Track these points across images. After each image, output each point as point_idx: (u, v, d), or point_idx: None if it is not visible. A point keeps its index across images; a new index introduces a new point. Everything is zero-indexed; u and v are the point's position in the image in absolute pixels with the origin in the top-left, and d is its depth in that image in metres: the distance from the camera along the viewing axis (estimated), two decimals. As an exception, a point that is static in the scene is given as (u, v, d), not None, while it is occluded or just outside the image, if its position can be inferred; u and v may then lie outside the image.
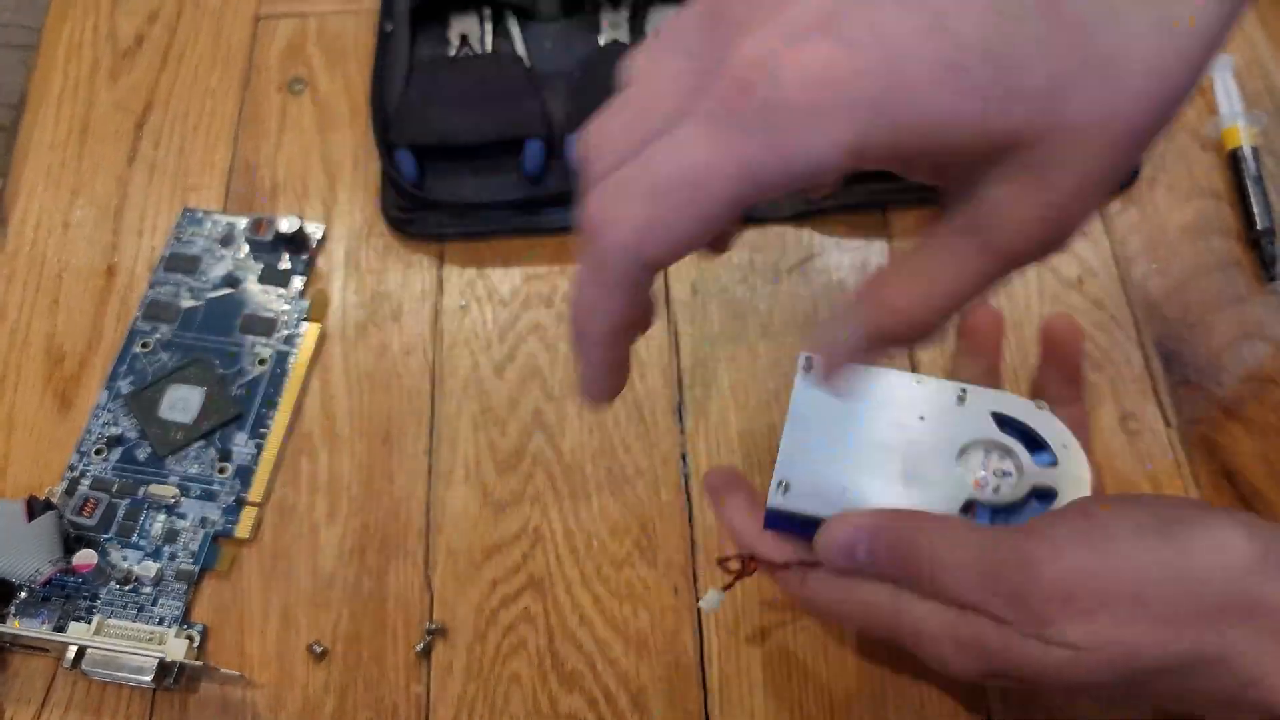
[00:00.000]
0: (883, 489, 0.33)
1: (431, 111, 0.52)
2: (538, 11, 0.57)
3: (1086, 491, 0.34)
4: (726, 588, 0.36)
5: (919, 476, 0.34)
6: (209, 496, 0.44)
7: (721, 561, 0.36)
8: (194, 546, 0.43)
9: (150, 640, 0.41)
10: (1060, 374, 0.38)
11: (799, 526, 0.34)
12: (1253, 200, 0.50)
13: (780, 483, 0.33)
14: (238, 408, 0.46)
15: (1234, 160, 0.52)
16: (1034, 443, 0.35)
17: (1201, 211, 0.51)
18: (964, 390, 0.36)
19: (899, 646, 0.32)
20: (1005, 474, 0.34)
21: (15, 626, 0.41)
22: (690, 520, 0.44)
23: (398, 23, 0.56)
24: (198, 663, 0.40)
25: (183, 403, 0.46)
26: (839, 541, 0.32)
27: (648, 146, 0.23)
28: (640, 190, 0.23)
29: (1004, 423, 0.35)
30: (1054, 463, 0.34)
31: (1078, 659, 0.28)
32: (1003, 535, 0.29)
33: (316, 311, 0.49)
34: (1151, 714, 0.36)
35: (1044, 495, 0.34)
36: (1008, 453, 0.34)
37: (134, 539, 0.44)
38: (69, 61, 0.57)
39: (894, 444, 0.34)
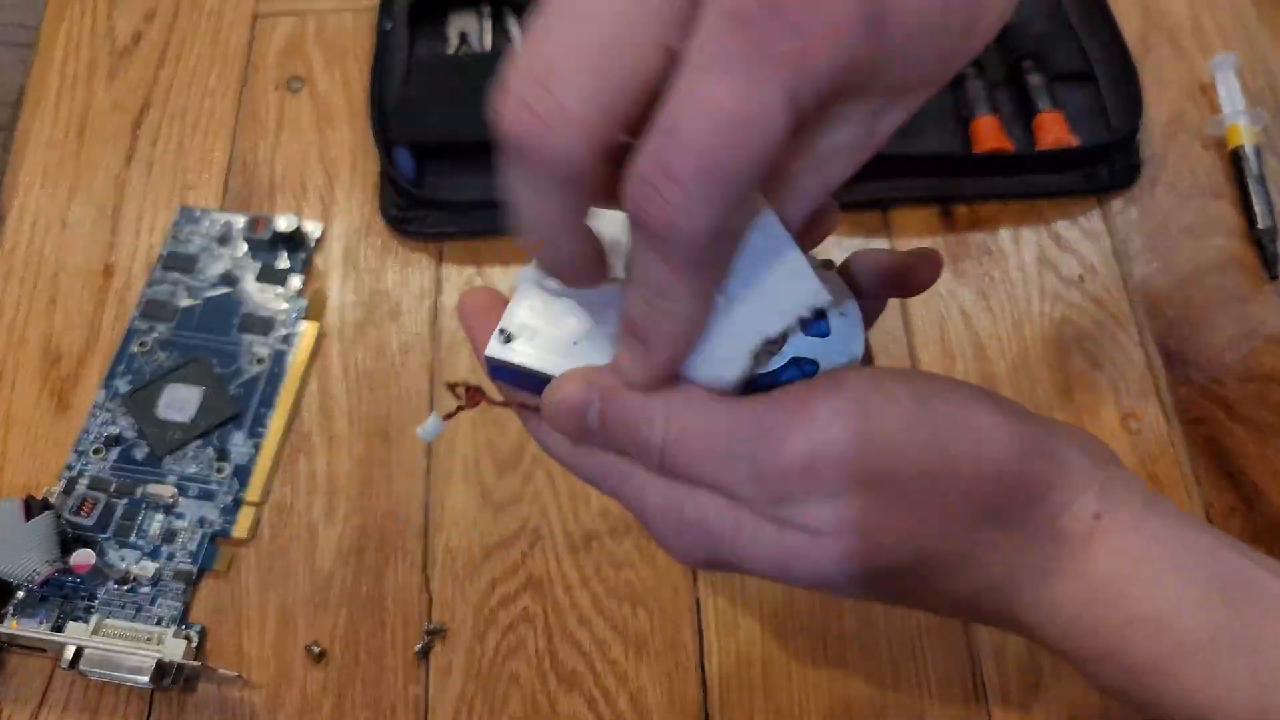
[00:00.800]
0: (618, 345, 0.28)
1: (430, 110, 0.52)
2: (537, 9, 0.56)
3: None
4: (448, 416, 0.32)
5: None
6: (207, 496, 0.44)
7: (451, 386, 0.31)
8: (192, 546, 0.43)
9: (148, 640, 0.41)
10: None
11: (525, 381, 0.29)
12: (1254, 199, 0.50)
13: (502, 330, 0.29)
14: (236, 407, 0.46)
15: (1236, 159, 0.51)
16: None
17: (1203, 210, 0.51)
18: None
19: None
20: (770, 341, 0.29)
21: (13, 626, 0.41)
22: (690, 520, 0.44)
23: (396, 21, 0.56)
24: (196, 663, 0.40)
25: (180, 402, 0.46)
26: (568, 402, 0.27)
27: (663, 109, 0.20)
28: (690, 171, 0.20)
29: None
30: (827, 334, 0.29)
31: (813, 544, 0.25)
32: (746, 404, 0.26)
33: (314, 310, 0.49)
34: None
35: (804, 366, 0.29)
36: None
37: (132, 539, 0.43)
38: (66, 60, 0.57)
39: None
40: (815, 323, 0.29)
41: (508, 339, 0.29)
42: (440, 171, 0.52)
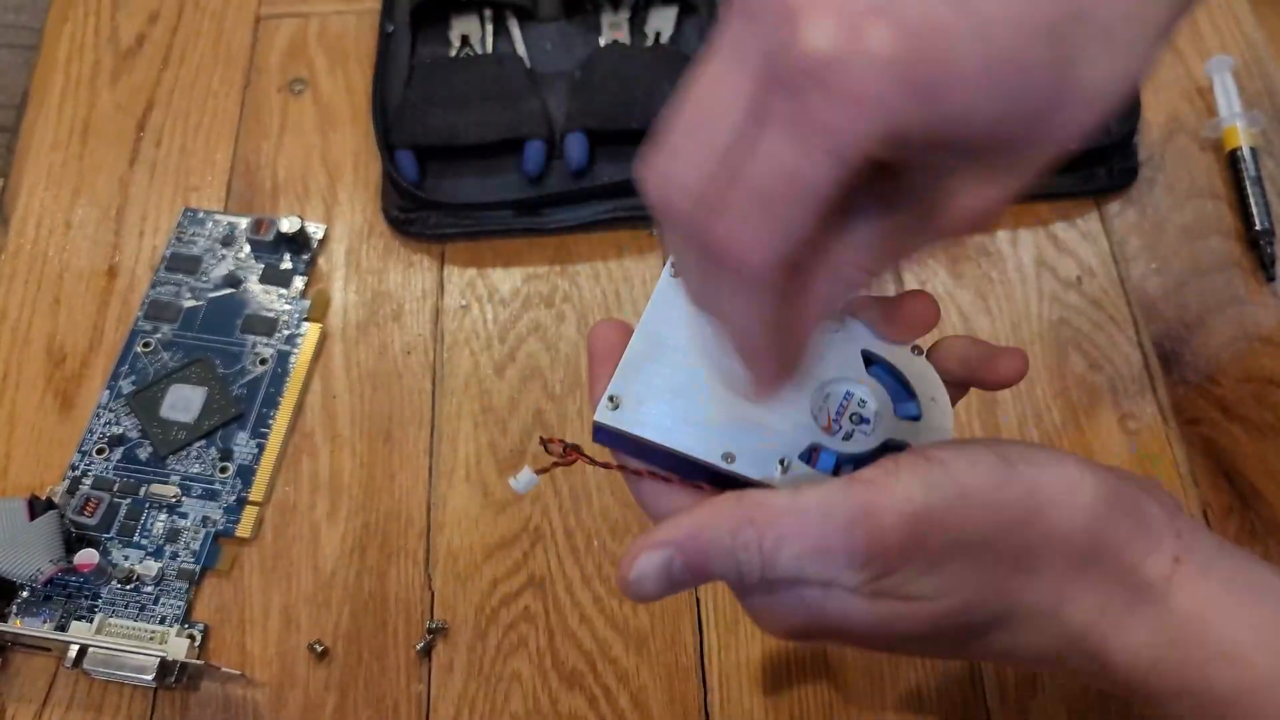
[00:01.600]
0: (723, 421, 0.30)
1: (432, 112, 0.52)
2: (538, 12, 0.57)
3: None
4: (541, 470, 0.32)
5: (767, 410, 0.30)
6: (210, 496, 0.45)
7: (545, 442, 0.32)
8: (195, 546, 0.43)
9: (152, 639, 0.41)
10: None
11: (628, 445, 0.30)
12: (1251, 201, 0.50)
13: (611, 397, 0.30)
14: (239, 407, 0.46)
15: (1233, 161, 0.52)
16: (902, 388, 0.31)
17: (1200, 212, 0.51)
18: (841, 319, 0.31)
19: None
20: (862, 420, 0.30)
21: (17, 625, 0.41)
22: (690, 519, 0.44)
23: (399, 23, 0.56)
24: (199, 662, 0.40)
25: (184, 402, 0.46)
26: (649, 572, 0.27)
27: (741, 165, 0.23)
28: (756, 209, 0.24)
29: (873, 363, 0.31)
30: (918, 417, 0.30)
31: (910, 611, 0.26)
32: (834, 492, 0.27)
33: (317, 311, 0.49)
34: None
35: (897, 450, 0.30)
36: (871, 399, 0.30)
37: (135, 538, 0.44)
38: (70, 62, 0.57)
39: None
40: (904, 401, 0.31)
41: (615, 405, 0.30)
42: (442, 173, 0.52)
